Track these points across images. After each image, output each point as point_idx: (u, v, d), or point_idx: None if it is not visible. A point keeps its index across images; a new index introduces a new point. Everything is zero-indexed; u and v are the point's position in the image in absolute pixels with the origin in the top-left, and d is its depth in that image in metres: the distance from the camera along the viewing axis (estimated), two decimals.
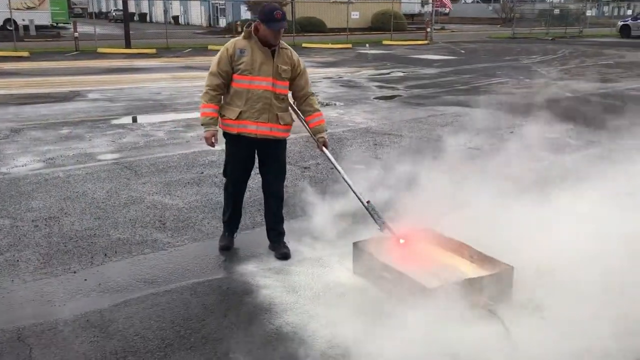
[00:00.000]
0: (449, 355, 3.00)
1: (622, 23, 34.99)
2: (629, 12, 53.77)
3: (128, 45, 23.61)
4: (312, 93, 4.26)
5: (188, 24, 54.46)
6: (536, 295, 3.57)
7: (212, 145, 4.09)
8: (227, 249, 4.38)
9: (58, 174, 6.33)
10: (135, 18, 55.74)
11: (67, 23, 37.00)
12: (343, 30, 32.87)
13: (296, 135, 8.31)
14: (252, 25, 3.96)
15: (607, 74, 16.28)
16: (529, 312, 3.40)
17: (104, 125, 9.09)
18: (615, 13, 54.83)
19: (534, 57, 21.78)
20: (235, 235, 4.51)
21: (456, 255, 3.78)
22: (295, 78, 4.10)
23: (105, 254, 4.29)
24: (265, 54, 3.95)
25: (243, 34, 4.00)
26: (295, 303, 3.54)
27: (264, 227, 4.74)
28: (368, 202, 4.11)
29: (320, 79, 15.43)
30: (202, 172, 6.42)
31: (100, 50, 22.66)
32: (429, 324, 3.27)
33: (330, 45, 27.20)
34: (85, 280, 3.88)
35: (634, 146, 7.59)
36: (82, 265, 4.10)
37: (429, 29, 32.10)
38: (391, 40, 30.46)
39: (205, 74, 4.13)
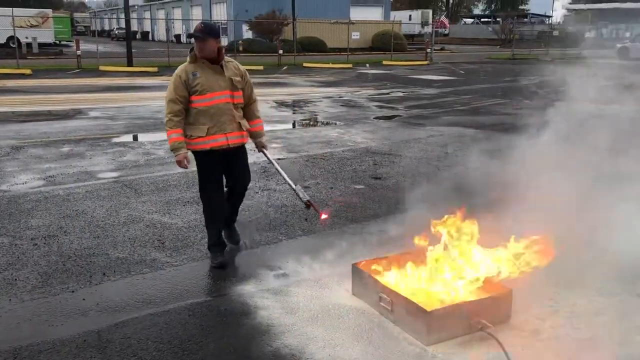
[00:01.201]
0: None
1: (621, 45, 35.28)
2: (627, 34, 54.25)
3: (130, 63, 23.79)
4: (256, 100, 4.62)
5: (190, 42, 54.84)
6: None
7: (186, 167, 4.34)
8: (225, 265, 4.46)
9: (58, 192, 6.34)
10: (137, 36, 56.27)
11: (70, 41, 37.40)
12: (344, 50, 33.15)
13: (296, 155, 8.36)
14: (193, 48, 4.26)
15: (608, 95, 16.35)
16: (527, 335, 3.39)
17: (104, 143, 9.13)
18: (614, 35, 55.29)
19: (533, 77, 21.92)
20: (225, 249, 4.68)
21: (457, 278, 3.77)
22: (243, 88, 4.42)
23: (104, 274, 4.28)
24: (215, 70, 4.25)
25: (189, 59, 4.27)
26: (293, 325, 3.53)
27: (264, 247, 4.77)
28: (296, 185, 4.65)
29: (320, 98, 15.53)
30: None
31: (102, 68, 22.83)
32: (427, 346, 3.27)
33: (330, 65, 27.41)
34: (84, 299, 3.87)
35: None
36: (81, 284, 4.09)
37: (428, 50, 32.38)
38: (391, 61, 30.71)
39: None
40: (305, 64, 27.69)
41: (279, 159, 8.12)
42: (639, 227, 4.70)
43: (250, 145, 4.69)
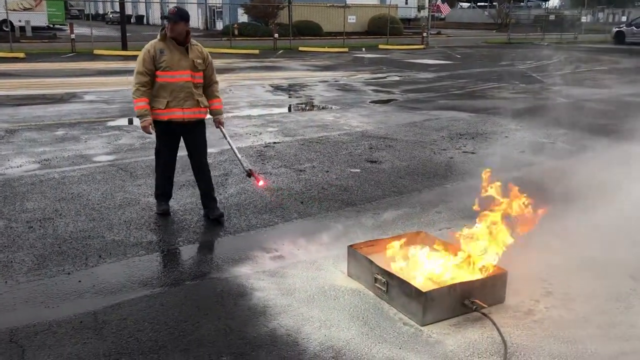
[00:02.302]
0: (440, 356, 3.01)
1: (617, 29, 35.18)
2: (624, 18, 54.08)
3: (124, 47, 23.60)
4: (216, 82, 5.11)
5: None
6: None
7: (150, 132, 4.78)
8: (167, 213, 5.10)
9: (53, 176, 6.32)
10: (132, 20, 55.73)
11: (64, 24, 36.97)
12: (340, 34, 32.92)
13: (292, 139, 8.34)
14: (164, 28, 4.71)
15: (602, 79, 16.37)
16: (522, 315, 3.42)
17: (99, 126, 9.09)
18: (610, 19, 55.11)
19: (529, 62, 21.88)
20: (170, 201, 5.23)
21: (451, 258, 3.79)
22: (205, 70, 4.88)
23: (100, 256, 4.29)
24: (181, 51, 4.72)
25: (158, 36, 4.73)
26: (289, 306, 3.55)
27: (260, 230, 4.78)
28: (242, 156, 5.28)
29: (316, 82, 15.46)
30: None
31: (96, 51, 22.65)
32: (423, 326, 3.30)
33: (326, 49, 27.25)
34: (80, 281, 3.87)
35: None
36: (77, 266, 4.10)
37: (425, 34, 32.22)
38: (387, 45, 30.56)
39: None
40: (301, 48, 27.52)
41: (274, 142, 8.11)
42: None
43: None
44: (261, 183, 5.25)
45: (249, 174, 5.06)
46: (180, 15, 4.65)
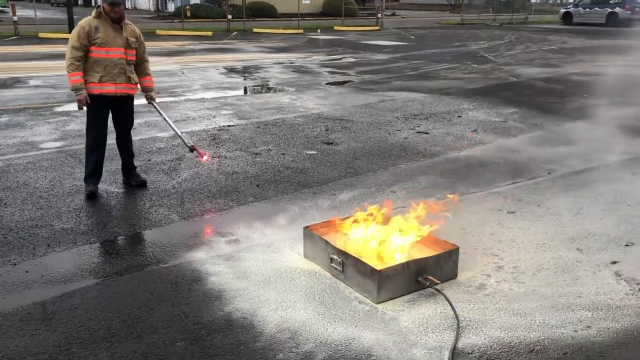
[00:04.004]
0: (395, 333, 3.06)
1: (565, 10, 36.06)
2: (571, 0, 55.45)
3: (71, 29, 22.70)
4: (147, 60, 5.33)
5: (135, 8, 52.89)
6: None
7: (86, 104, 4.98)
8: (94, 194, 5.12)
9: None
10: (79, 2, 53.79)
11: (5, 6, 35.39)
12: (294, 15, 32.66)
13: (247, 121, 8.25)
14: (100, 5, 4.89)
15: (551, 59, 16.78)
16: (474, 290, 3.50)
17: (46, 112, 8.76)
18: (559, 1, 56.42)
19: (482, 42, 22.22)
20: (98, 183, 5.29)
21: (405, 237, 3.84)
22: (137, 48, 5.12)
23: (49, 245, 4.15)
24: (115, 29, 4.93)
25: (93, 14, 4.91)
26: (245, 289, 3.53)
27: (215, 214, 4.74)
28: (182, 132, 5.64)
29: (271, 64, 15.31)
30: (150, 160, 6.29)
31: (41, 35, 21.77)
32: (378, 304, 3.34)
33: (281, 31, 26.99)
34: (27, 272, 3.74)
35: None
36: (24, 256, 3.96)
37: (379, 15, 32.26)
38: (342, 26, 30.47)
39: (155, 59, 4.61)
40: (255, 30, 27.16)
41: (229, 125, 8.00)
42: None
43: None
44: (205, 158, 5.68)
45: (192, 149, 5.37)
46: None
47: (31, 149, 6.68)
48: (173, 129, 5.53)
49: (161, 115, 5.54)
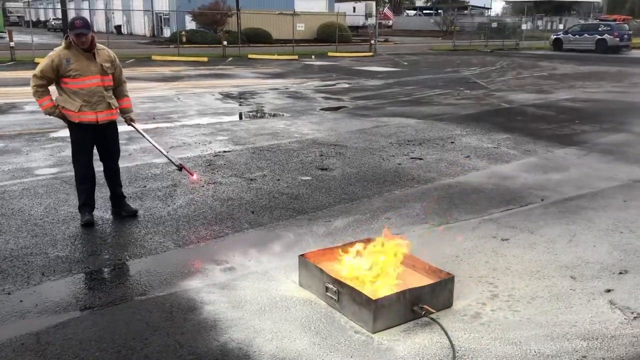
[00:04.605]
0: None
1: (555, 37, 36.68)
2: (561, 26, 56.40)
3: None
4: (125, 81, 5.29)
5: (131, 33, 53.40)
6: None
7: (64, 119, 4.94)
8: (92, 223, 5.07)
9: None
10: None
11: (2, 32, 35.59)
12: (289, 41, 33.03)
13: (242, 147, 8.30)
14: (68, 36, 4.80)
15: (542, 85, 17.01)
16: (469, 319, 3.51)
17: (42, 138, 8.79)
18: (549, 27, 57.35)
19: (474, 68, 22.51)
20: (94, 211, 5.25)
21: (401, 266, 3.85)
22: (114, 72, 5.07)
23: (43, 273, 4.14)
24: (88, 57, 4.85)
25: (63, 44, 4.83)
26: (240, 319, 3.52)
27: (210, 241, 4.74)
28: (168, 151, 5.76)
29: (266, 89, 15.44)
30: (145, 186, 6.30)
31: (37, 60, 21.83)
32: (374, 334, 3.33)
33: (276, 57, 27.27)
34: (21, 301, 3.72)
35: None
36: (18, 285, 3.94)
37: (373, 41, 32.70)
38: (336, 52, 30.84)
39: (150, 84, 4.65)
40: (250, 56, 27.43)
41: (224, 151, 8.04)
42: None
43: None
44: (194, 176, 5.71)
45: (180, 167, 5.36)
46: (88, 27, 4.79)
47: (26, 176, 6.68)
48: (158, 149, 5.53)
49: (144, 136, 5.54)
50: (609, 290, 3.90)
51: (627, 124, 10.49)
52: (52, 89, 5.01)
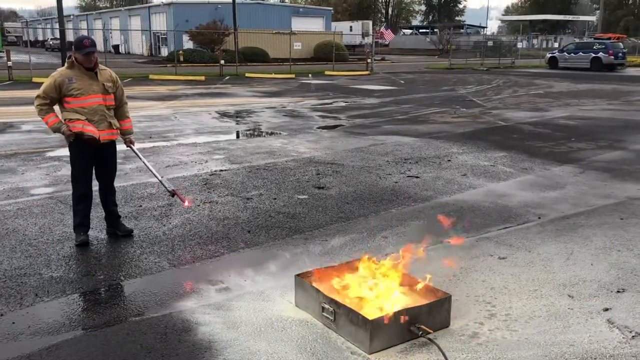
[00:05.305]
0: None
1: (550, 55, 37.00)
2: (556, 44, 56.95)
3: None
4: (126, 102, 5.32)
5: (129, 53, 53.72)
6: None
7: (73, 136, 4.91)
8: (87, 243, 5.08)
9: None
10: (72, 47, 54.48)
11: (0, 51, 35.75)
12: (286, 60, 33.25)
13: (239, 166, 8.29)
14: (71, 56, 4.87)
15: (538, 103, 17.10)
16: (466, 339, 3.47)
17: (38, 157, 8.78)
18: (544, 45, 57.92)
19: (470, 87, 22.65)
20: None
21: (397, 285, 3.83)
22: (115, 92, 5.10)
23: (37, 294, 4.10)
24: (90, 76, 4.90)
25: (66, 64, 4.92)
26: (235, 340, 3.48)
27: (205, 261, 4.71)
28: (162, 176, 5.60)
29: (263, 108, 15.49)
30: (141, 206, 6.28)
31: (35, 79, 21.97)
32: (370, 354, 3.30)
33: (273, 75, 27.41)
34: (14, 323, 3.68)
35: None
36: (10, 307, 3.90)
37: (369, 60, 32.93)
38: (333, 71, 31.02)
39: (148, 103, 4.62)
40: (247, 74, 27.58)
41: (221, 170, 8.04)
42: None
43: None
44: (186, 203, 5.64)
45: (173, 193, 5.30)
46: (95, 46, 4.86)
47: (22, 195, 6.66)
48: (153, 174, 5.53)
49: (141, 159, 5.55)
50: (607, 309, 3.87)
51: (623, 142, 10.54)
52: (56, 109, 5.02)
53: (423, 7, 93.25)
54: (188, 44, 40.00)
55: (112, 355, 3.30)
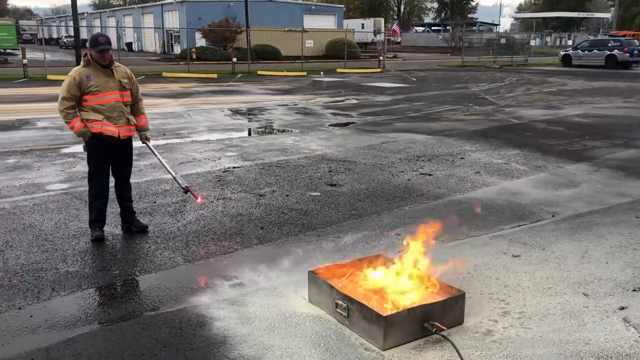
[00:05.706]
0: None
1: (564, 52, 36.69)
2: (570, 42, 56.46)
3: None
4: (141, 99, 5.40)
5: (142, 50, 54.04)
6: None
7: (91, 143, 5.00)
8: (102, 239, 5.12)
9: (4, 206, 6.12)
10: (87, 44, 54.98)
11: (16, 49, 36.10)
12: (298, 58, 33.27)
13: (251, 163, 8.32)
14: (87, 54, 4.92)
15: (552, 100, 16.98)
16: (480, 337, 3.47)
17: (53, 154, 8.87)
18: (558, 43, 57.42)
19: (482, 84, 22.53)
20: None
21: (411, 282, 3.83)
22: (131, 88, 5.16)
23: (53, 289, 4.15)
24: (107, 73, 4.96)
25: (82, 63, 4.96)
26: (250, 335, 3.50)
27: (219, 257, 4.73)
28: (176, 173, 5.72)
29: (275, 106, 15.52)
30: (155, 202, 6.32)
31: (50, 77, 22.19)
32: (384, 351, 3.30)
33: (285, 73, 27.45)
34: (31, 316, 3.73)
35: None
36: (28, 300, 3.95)
37: (381, 57, 32.86)
38: (345, 68, 30.99)
39: (161, 100, 4.59)
40: (259, 72, 27.64)
41: (234, 167, 8.07)
42: None
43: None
44: (199, 200, 5.68)
45: (186, 190, 5.39)
46: (110, 43, 4.93)
47: (37, 191, 6.73)
48: (167, 170, 5.59)
49: (156, 156, 5.58)
50: (622, 308, 3.85)
51: (639, 140, 10.43)
52: None
53: (435, 5, 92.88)
54: (200, 42, 40.14)
55: (128, 350, 3.34)
